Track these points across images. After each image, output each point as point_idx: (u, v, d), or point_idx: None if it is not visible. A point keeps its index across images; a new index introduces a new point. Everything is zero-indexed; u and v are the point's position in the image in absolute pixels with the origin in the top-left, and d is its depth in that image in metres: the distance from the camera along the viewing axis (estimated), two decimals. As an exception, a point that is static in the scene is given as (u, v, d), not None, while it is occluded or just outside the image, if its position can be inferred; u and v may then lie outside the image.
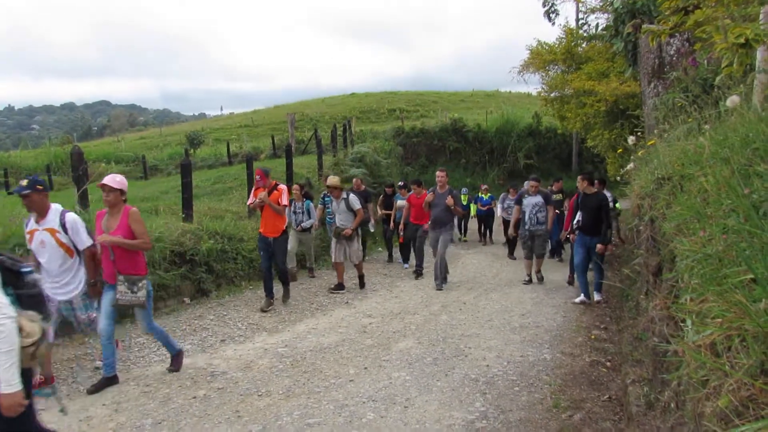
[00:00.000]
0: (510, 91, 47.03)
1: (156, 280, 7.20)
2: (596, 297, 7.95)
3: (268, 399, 4.54)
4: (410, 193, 10.58)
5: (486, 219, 15.19)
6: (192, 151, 29.11)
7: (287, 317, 7.22)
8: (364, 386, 4.78)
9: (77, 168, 7.30)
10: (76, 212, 6.92)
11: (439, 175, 9.27)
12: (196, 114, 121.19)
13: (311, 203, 9.93)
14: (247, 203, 8.00)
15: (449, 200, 8.85)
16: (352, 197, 8.88)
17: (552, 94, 17.76)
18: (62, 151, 26.38)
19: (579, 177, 8.40)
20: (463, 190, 15.91)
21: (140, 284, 4.82)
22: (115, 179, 4.80)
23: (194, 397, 4.59)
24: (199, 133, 33.84)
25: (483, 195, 15.32)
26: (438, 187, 9.15)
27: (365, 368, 5.24)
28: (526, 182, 14.94)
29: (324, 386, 4.80)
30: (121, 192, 4.82)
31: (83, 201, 7.13)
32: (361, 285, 9.06)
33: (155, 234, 7.45)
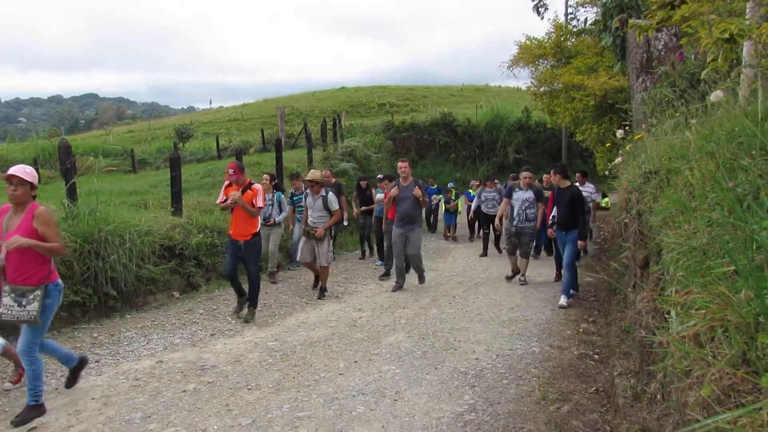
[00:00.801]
0: (500, 86, 47.08)
1: (145, 274, 7.18)
2: (562, 300, 7.30)
3: (257, 392, 4.55)
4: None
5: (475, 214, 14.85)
6: (181, 144, 28.95)
7: (277, 311, 7.22)
8: (353, 380, 4.80)
9: (65, 161, 7.24)
10: (64, 206, 6.93)
11: (401, 166, 8.50)
12: (185, 107, 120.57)
13: (282, 195, 9.35)
14: (217, 202, 7.20)
15: (417, 191, 8.20)
16: (332, 196, 8.13)
17: (541, 89, 17.83)
18: (49, 144, 26.15)
19: (552, 171, 7.92)
20: (450, 184, 15.48)
21: (31, 296, 4.03)
22: (25, 170, 4.10)
23: (184, 391, 4.59)
24: (187, 127, 33.66)
25: (471, 191, 14.76)
26: (401, 180, 8.46)
27: (355, 362, 5.26)
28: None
29: (314, 380, 4.81)
30: (32, 186, 4.13)
31: (71, 195, 7.08)
32: (321, 293, 8.10)
33: (144, 228, 7.42)
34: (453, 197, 14.66)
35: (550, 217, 7.84)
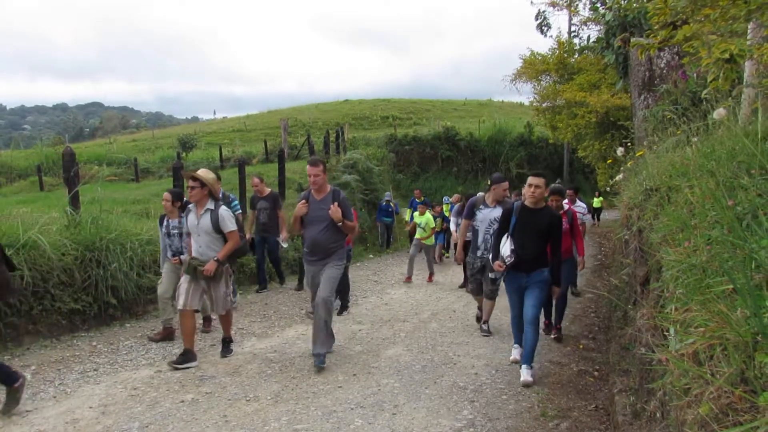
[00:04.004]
0: (503, 101, 47.39)
1: (146, 283, 7.18)
2: (525, 375, 5.03)
3: (256, 404, 4.54)
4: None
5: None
6: (184, 154, 29.05)
7: (276, 323, 7.20)
8: (352, 393, 4.78)
9: (69, 169, 7.27)
10: (66, 214, 6.95)
11: (312, 172, 5.43)
12: (189, 117, 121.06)
13: None
14: None
15: (334, 211, 5.34)
16: (225, 212, 5.49)
17: (544, 104, 17.94)
18: (53, 152, 26.27)
19: (539, 179, 5.13)
20: (445, 198, 14.30)
21: None
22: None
23: (182, 401, 4.57)
24: (191, 137, 33.79)
25: (455, 204, 12.87)
26: (313, 192, 5.55)
27: (354, 375, 5.24)
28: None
29: (312, 392, 4.80)
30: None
31: (74, 202, 7.10)
32: (225, 349, 5.82)
33: (146, 237, 7.43)
34: (446, 214, 13.12)
35: (503, 250, 5.22)
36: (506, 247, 5.20)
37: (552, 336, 6.52)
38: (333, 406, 4.47)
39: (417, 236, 10.82)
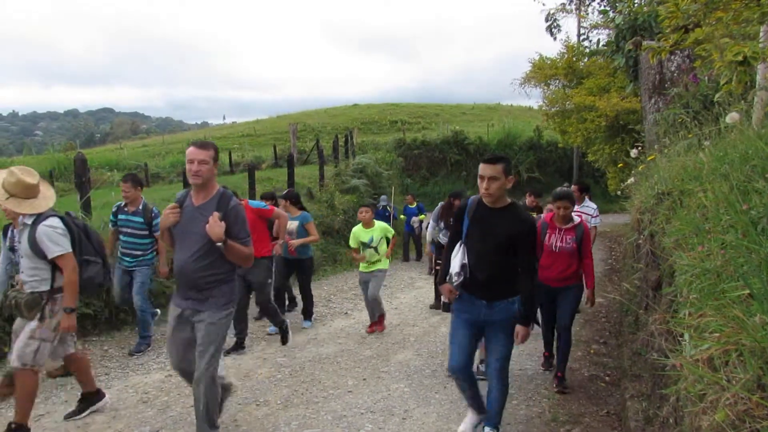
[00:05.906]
0: (511, 105, 47.22)
1: (156, 288, 7.20)
2: None
3: (266, 408, 4.54)
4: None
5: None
6: (194, 159, 29.17)
7: (286, 327, 7.20)
8: (362, 397, 4.77)
9: (81, 174, 7.33)
10: (80, 218, 7.00)
11: (196, 156, 3.44)
12: (199, 122, 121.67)
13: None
14: None
15: (212, 224, 3.39)
16: (44, 230, 3.82)
17: (553, 109, 17.88)
18: (65, 158, 26.49)
19: (492, 166, 3.50)
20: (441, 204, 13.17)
21: None
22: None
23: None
24: (201, 142, 33.93)
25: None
26: (192, 192, 3.63)
27: (364, 379, 5.24)
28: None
29: (322, 396, 4.79)
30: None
31: (86, 207, 7.15)
32: (81, 408, 4.36)
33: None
34: None
35: (452, 267, 3.77)
36: (457, 259, 3.74)
37: (554, 387, 5.00)
38: (343, 411, 4.47)
39: (362, 268, 6.94)
